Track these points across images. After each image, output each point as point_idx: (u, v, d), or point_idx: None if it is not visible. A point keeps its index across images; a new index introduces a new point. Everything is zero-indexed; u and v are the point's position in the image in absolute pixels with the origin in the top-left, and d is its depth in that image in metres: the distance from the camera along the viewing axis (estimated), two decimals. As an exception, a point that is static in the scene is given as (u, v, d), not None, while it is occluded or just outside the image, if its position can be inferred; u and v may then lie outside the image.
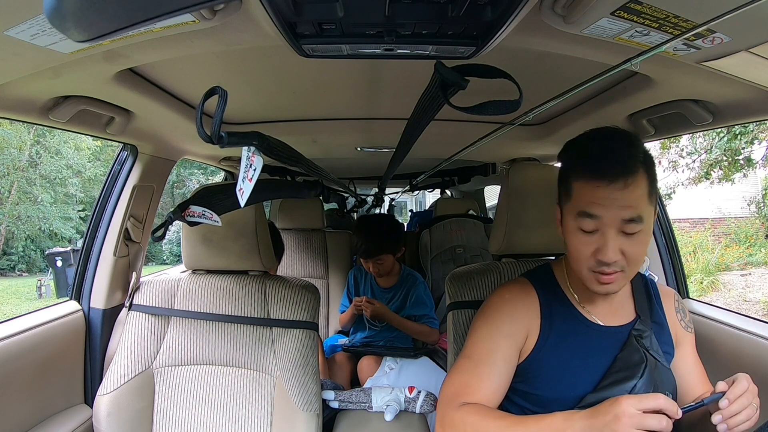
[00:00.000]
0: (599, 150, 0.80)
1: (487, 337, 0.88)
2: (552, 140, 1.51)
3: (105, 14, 0.37)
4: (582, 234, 0.79)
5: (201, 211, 0.99)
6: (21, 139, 9.76)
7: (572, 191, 0.80)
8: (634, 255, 0.78)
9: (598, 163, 0.77)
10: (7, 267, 10.17)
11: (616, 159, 0.76)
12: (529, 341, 0.88)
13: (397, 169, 1.92)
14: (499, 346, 0.87)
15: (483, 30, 0.65)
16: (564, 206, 0.84)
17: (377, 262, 1.89)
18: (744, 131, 6.30)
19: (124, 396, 1.14)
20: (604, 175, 0.75)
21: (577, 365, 0.85)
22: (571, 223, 0.81)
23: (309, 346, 1.18)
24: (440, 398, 0.88)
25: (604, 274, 0.79)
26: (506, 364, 0.87)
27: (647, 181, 0.77)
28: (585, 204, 0.78)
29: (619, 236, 0.77)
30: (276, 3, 0.57)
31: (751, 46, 0.62)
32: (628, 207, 0.75)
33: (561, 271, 0.93)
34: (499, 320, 0.89)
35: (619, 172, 0.75)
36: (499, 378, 0.86)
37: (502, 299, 0.92)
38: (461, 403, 0.83)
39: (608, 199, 0.75)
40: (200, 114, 0.60)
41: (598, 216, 0.76)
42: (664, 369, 0.85)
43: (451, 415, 0.83)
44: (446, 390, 0.87)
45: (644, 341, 0.85)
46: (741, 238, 7.76)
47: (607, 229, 0.77)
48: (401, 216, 9.83)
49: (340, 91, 1.18)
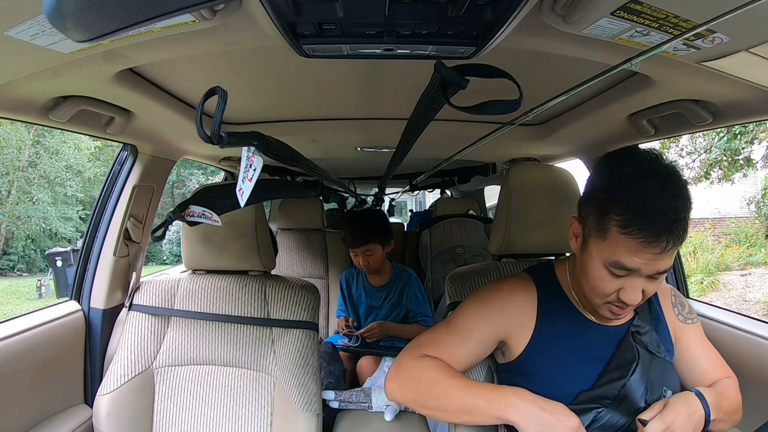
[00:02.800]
0: (652, 203, 0.71)
1: (471, 315, 0.91)
2: (552, 140, 1.51)
3: (105, 14, 0.37)
4: (609, 275, 0.77)
5: (201, 211, 0.99)
6: (21, 139, 9.75)
7: (609, 234, 0.75)
8: (652, 292, 0.79)
9: (650, 225, 0.70)
10: (7, 267, 10.16)
11: (670, 224, 0.70)
12: (520, 337, 0.89)
13: (397, 169, 1.92)
14: (478, 328, 0.89)
15: (483, 30, 0.65)
16: (591, 236, 0.79)
17: (366, 253, 1.89)
18: (744, 131, 6.30)
19: (124, 396, 1.14)
20: (655, 240, 0.70)
21: (575, 363, 0.85)
22: (598, 261, 0.77)
23: (309, 346, 1.18)
24: (405, 347, 0.91)
25: (620, 309, 0.80)
26: (478, 346, 0.89)
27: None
28: (623, 256, 0.74)
29: (645, 280, 0.76)
30: (276, 3, 0.57)
31: (751, 46, 0.62)
32: (666, 263, 0.74)
33: (563, 272, 0.93)
34: (488, 305, 0.91)
35: (671, 241, 0.71)
36: (465, 353, 0.89)
37: (499, 289, 0.94)
38: (422, 354, 0.87)
39: (651, 261, 0.73)
40: (200, 114, 0.60)
41: (636, 270, 0.74)
42: (664, 365, 0.85)
43: (409, 363, 0.86)
44: (414, 341, 0.91)
45: (642, 337, 0.86)
46: (741, 238, 7.75)
47: (639, 277, 0.75)
48: (401, 216, 9.83)
49: (340, 91, 1.18)
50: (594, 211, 0.78)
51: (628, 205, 0.72)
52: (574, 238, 0.84)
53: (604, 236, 0.76)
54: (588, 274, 0.80)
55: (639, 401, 0.81)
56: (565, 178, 1.15)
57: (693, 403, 0.78)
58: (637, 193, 0.72)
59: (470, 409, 0.80)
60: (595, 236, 0.78)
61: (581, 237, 0.82)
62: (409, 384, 0.85)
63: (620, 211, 0.73)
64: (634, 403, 0.81)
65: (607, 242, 0.75)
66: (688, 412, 0.77)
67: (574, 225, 0.84)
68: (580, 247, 0.83)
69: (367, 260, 1.91)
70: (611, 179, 0.78)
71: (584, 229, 0.81)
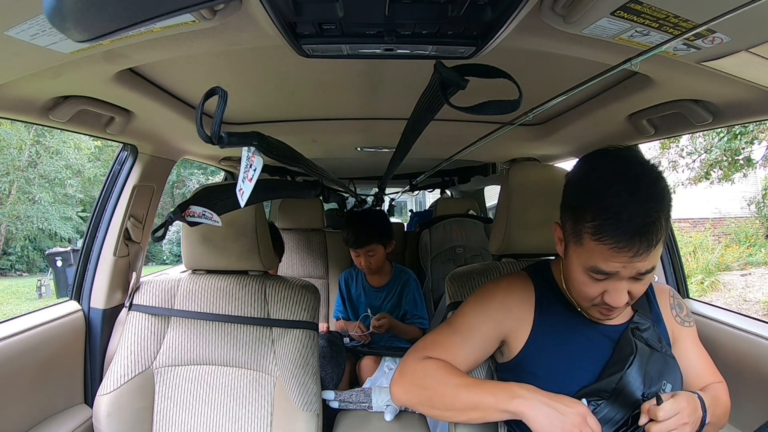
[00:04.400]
0: (622, 208, 0.70)
1: (472, 314, 0.91)
2: (552, 140, 1.51)
3: (105, 14, 0.37)
4: (590, 280, 0.77)
5: (201, 211, 0.99)
6: (21, 138, 9.75)
7: (584, 240, 0.74)
8: (639, 293, 0.79)
9: (620, 230, 0.70)
10: (7, 267, 10.17)
11: (640, 228, 0.69)
12: (519, 335, 0.89)
13: (397, 169, 1.92)
14: (480, 326, 0.89)
15: (483, 30, 0.65)
16: (570, 242, 0.79)
17: (368, 253, 1.89)
18: (744, 131, 6.30)
19: (124, 396, 1.14)
20: (627, 245, 0.70)
21: (574, 361, 0.85)
22: (578, 266, 0.78)
23: (309, 346, 1.18)
24: (408, 351, 0.91)
25: (608, 310, 0.80)
26: (481, 344, 0.89)
27: (665, 231, 0.73)
28: (599, 261, 0.73)
29: (629, 281, 0.76)
30: (276, 3, 0.57)
31: (751, 46, 0.62)
32: (646, 264, 0.73)
33: (558, 272, 0.93)
34: (489, 303, 0.91)
35: (645, 245, 0.70)
36: (469, 353, 0.89)
37: (499, 286, 0.94)
38: (425, 356, 0.87)
39: (628, 263, 0.72)
40: (200, 114, 0.60)
41: (614, 273, 0.74)
42: (665, 359, 0.85)
43: (413, 365, 0.86)
44: (416, 344, 0.91)
45: (643, 333, 0.86)
46: (741, 238, 7.75)
47: (620, 280, 0.75)
48: (401, 216, 9.83)
49: (340, 91, 1.18)
50: (569, 217, 0.78)
51: (598, 212, 0.72)
52: (559, 243, 0.85)
53: (579, 242, 0.76)
54: (572, 279, 0.81)
55: (636, 393, 0.81)
56: (564, 178, 1.15)
57: (697, 403, 0.79)
58: (606, 200, 0.72)
59: (477, 405, 0.80)
60: (572, 242, 0.78)
61: (563, 242, 0.83)
62: (415, 386, 0.85)
63: (591, 217, 0.73)
64: (631, 396, 0.81)
65: (583, 248, 0.75)
66: (693, 407, 0.77)
67: (557, 230, 0.85)
68: (564, 252, 0.83)
69: (369, 261, 1.90)
70: (582, 185, 0.78)
71: (564, 235, 0.82)
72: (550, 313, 0.89)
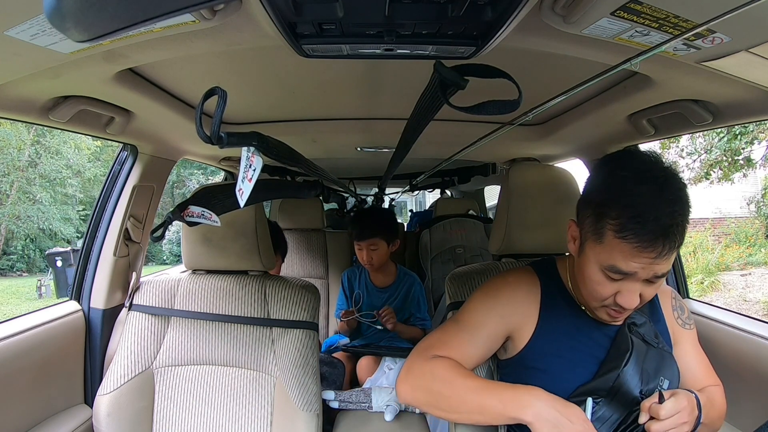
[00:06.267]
0: (648, 207, 0.70)
1: (479, 309, 0.90)
2: (552, 140, 1.51)
3: (105, 14, 0.37)
4: (606, 279, 0.77)
5: (200, 211, 0.99)
6: (21, 138, 9.75)
7: (605, 237, 0.74)
8: (650, 296, 0.78)
9: (646, 229, 0.70)
10: (7, 267, 10.17)
11: (666, 229, 0.69)
12: (524, 331, 0.89)
13: (397, 169, 1.92)
14: (488, 322, 0.89)
15: (483, 30, 0.65)
16: (588, 239, 0.78)
17: (371, 247, 1.88)
18: (744, 131, 6.31)
19: (124, 396, 1.14)
20: (650, 245, 0.70)
21: (575, 358, 0.86)
22: (594, 264, 0.77)
23: (309, 346, 1.18)
24: (414, 348, 0.90)
25: (617, 312, 0.80)
26: (488, 341, 0.89)
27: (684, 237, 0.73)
28: (619, 260, 0.73)
29: (643, 284, 0.76)
30: (276, 3, 0.57)
31: (751, 46, 0.62)
32: (664, 267, 0.73)
33: (564, 269, 0.93)
34: (495, 298, 0.91)
35: (667, 246, 0.70)
36: (476, 350, 0.88)
37: (505, 281, 0.93)
38: (433, 355, 0.85)
39: (648, 265, 0.72)
40: (200, 114, 0.60)
41: (632, 274, 0.74)
42: (662, 355, 0.85)
43: (421, 364, 0.85)
44: (422, 342, 0.90)
45: (639, 329, 0.86)
46: (741, 238, 7.75)
47: (635, 281, 0.75)
48: (401, 216, 9.83)
49: (340, 91, 1.18)
50: (590, 214, 0.77)
51: (624, 209, 0.72)
52: (572, 241, 0.84)
53: (600, 240, 0.75)
54: (585, 277, 0.80)
55: (634, 390, 0.81)
56: (564, 178, 1.15)
57: (694, 402, 0.79)
58: (633, 197, 0.71)
59: (484, 409, 0.79)
60: (591, 240, 0.77)
61: (578, 240, 0.82)
62: (422, 386, 0.84)
63: (616, 215, 0.72)
64: (629, 393, 0.81)
65: (603, 246, 0.75)
66: (691, 407, 0.77)
67: (572, 228, 0.84)
68: (577, 251, 0.83)
69: (371, 255, 1.90)
70: (608, 182, 0.77)
71: (581, 232, 0.81)
72: (554, 309, 0.89)
